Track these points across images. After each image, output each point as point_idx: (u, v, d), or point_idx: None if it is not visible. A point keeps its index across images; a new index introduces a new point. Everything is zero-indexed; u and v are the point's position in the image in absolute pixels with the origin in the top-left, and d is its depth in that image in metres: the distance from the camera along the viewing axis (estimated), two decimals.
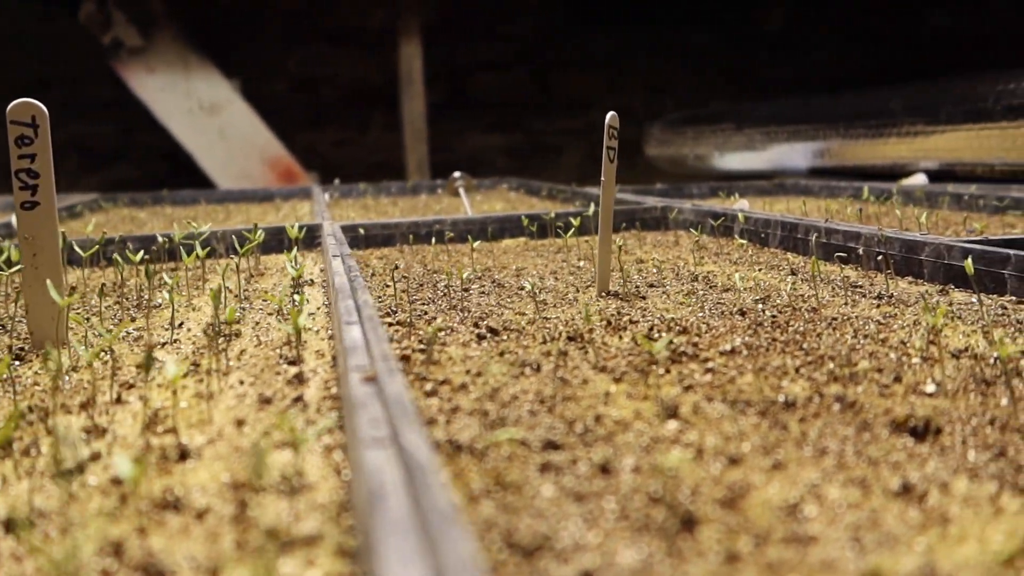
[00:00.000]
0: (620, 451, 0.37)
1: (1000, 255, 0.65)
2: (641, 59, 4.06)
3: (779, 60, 4.00)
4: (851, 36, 3.96)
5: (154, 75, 3.21)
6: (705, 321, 0.61)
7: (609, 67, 4.11)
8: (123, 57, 3.17)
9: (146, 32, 3.20)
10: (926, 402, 0.43)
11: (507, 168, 4.16)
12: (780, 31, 4.10)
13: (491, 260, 0.97)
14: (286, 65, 3.93)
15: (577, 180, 4.19)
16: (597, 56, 4.07)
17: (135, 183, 3.28)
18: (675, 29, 3.99)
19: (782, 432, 0.39)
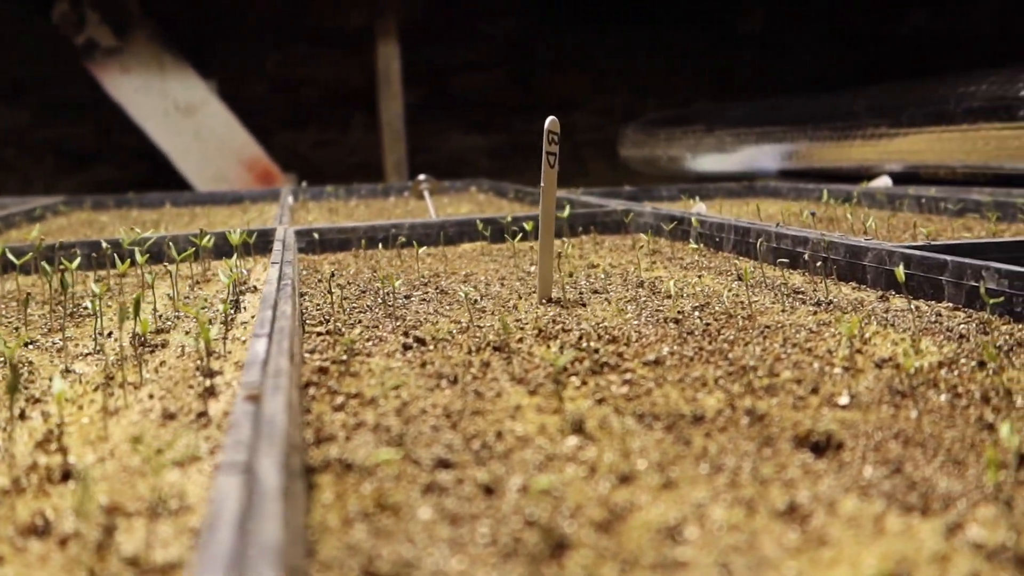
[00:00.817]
0: (512, 470, 0.36)
1: (938, 261, 0.65)
2: (623, 60, 4.06)
3: (760, 61, 4.00)
4: (831, 37, 3.97)
5: (129, 76, 3.18)
6: (638, 329, 0.60)
7: (591, 67, 4.11)
8: (97, 58, 3.13)
9: (121, 32, 3.17)
10: (838, 415, 0.42)
11: (489, 169, 4.15)
12: (761, 32, 4.11)
13: (444, 265, 0.96)
14: (265, 66, 3.90)
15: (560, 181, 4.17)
16: (579, 57, 4.07)
17: (114, 185, 3.25)
18: (656, 30, 3.99)
19: (683, 448, 0.38)
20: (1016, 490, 0.33)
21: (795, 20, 4.00)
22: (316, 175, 3.82)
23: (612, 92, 4.11)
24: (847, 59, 3.83)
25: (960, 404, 0.42)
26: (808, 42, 3.97)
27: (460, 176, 4.39)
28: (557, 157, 0.72)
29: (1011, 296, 0.59)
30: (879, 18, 3.89)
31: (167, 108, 3.23)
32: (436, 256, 1.03)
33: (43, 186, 3.51)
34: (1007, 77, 1.23)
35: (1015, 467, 0.35)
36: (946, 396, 0.44)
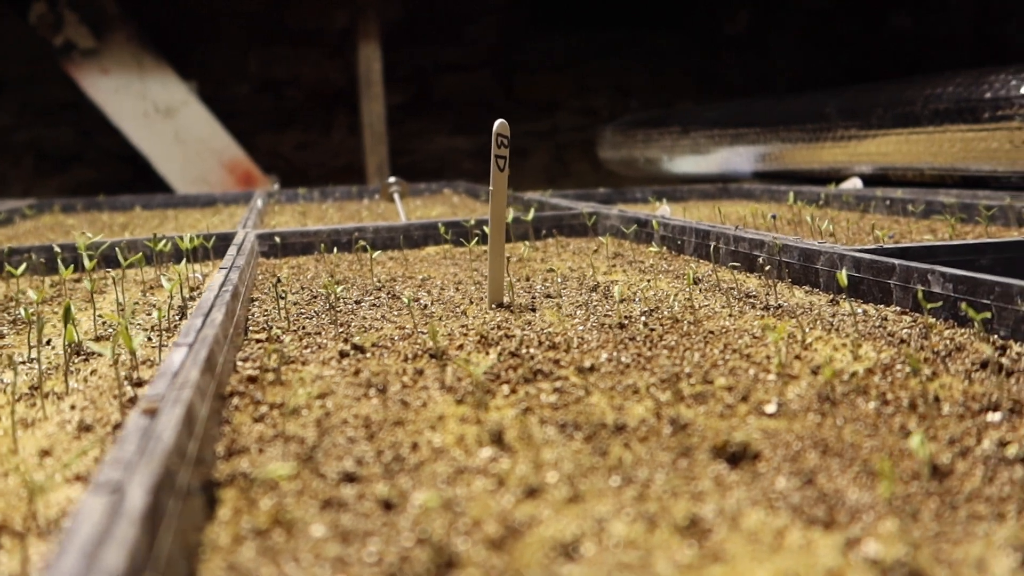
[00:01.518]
0: (420, 483, 0.35)
1: (886, 265, 0.64)
2: (606, 61, 4.06)
3: (744, 62, 4.01)
4: (815, 39, 3.99)
5: (107, 77, 3.16)
6: (581, 335, 0.59)
7: (574, 69, 4.11)
8: (75, 59, 3.11)
9: (99, 33, 3.14)
10: (763, 423, 0.41)
11: (473, 170, 4.15)
12: (745, 34, 4.12)
13: (403, 269, 0.95)
14: (247, 67, 3.88)
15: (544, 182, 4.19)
16: (562, 58, 4.06)
17: (94, 187, 3.22)
18: (640, 32, 3.99)
19: (599, 459, 0.37)
20: (925, 502, 0.32)
21: (779, 22, 4.01)
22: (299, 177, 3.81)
23: (595, 93, 4.11)
24: (831, 61, 3.85)
25: (887, 412, 0.42)
26: (792, 44, 3.99)
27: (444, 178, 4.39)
28: (507, 161, 0.71)
29: (955, 300, 0.58)
30: (862, 21, 3.91)
31: (146, 109, 3.21)
32: (398, 260, 1.02)
33: (22, 188, 3.48)
34: (972, 79, 1.23)
35: (928, 478, 0.34)
36: (875, 404, 0.43)
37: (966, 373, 0.47)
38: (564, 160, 4.13)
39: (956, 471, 0.35)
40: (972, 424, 0.40)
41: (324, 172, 3.85)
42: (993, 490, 0.33)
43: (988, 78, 1.20)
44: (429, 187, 2.20)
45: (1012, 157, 1.15)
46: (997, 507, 0.31)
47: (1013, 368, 0.47)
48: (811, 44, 3.97)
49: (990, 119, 1.17)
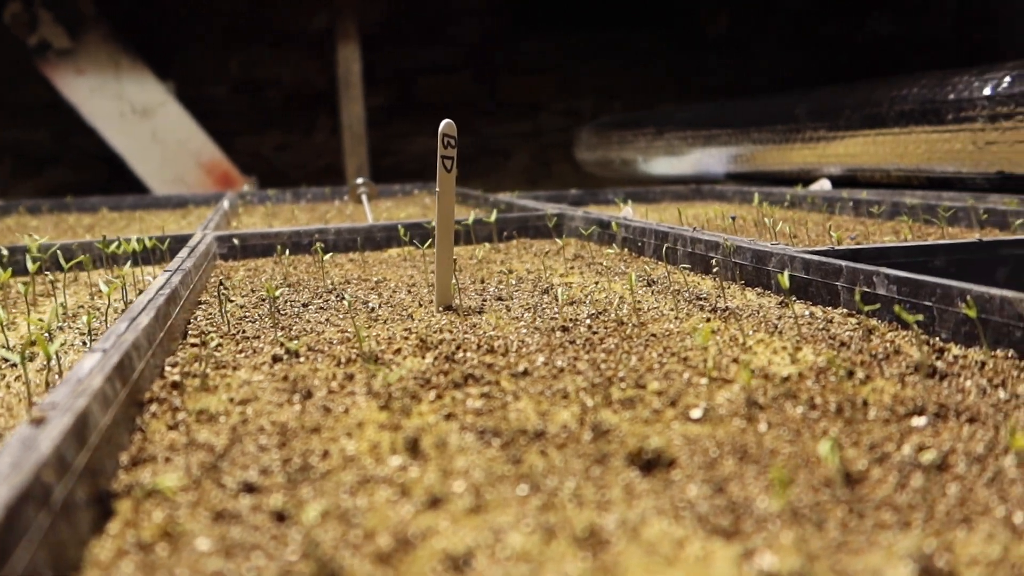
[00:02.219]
0: (320, 494, 0.34)
1: (834, 267, 0.64)
2: (588, 62, 4.06)
3: (725, 63, 4.02)
4: (796, 41, 4.00)
5: (83, 77, 3.12)
6: (522, 338, 0.58)
7: (556, 70, 4.10)
8: (50, 58, 3.07)
9: (74, 33, 3.11)
10: (688, 429, 0.40)
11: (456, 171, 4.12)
12: (726, 35, 4.13)
13: (361, 271, 0.94)
14: (227, 67, 3.86)
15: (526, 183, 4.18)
16: (544, 59, 4.06)
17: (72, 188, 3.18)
18: (622, 33, 3.99)
19: (511, 467, 0.36)
20: (833, 510, 0.31)
21: (760, 24, 4.02)
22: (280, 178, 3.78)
23: (578, 94, 4.11)
24: (812, 63, 3.86)
25: (812, 417, 0.41)
26: (773, 46, 4.00)
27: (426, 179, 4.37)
28: (455, 161, 0.70)
29: (899, 302, 0.58)
30: (843, 23, 3.93)
31: (123, 110, 3.18)
32: (357, 262, 1.01)
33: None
34: (937, 80, 1.23)
35: (841, 485, 0.33)
36: (802, 408, 0.42)
37: (900, 377, 0.46)
38: (547, 161, 4.13)
39: (870, 478, 0.34)
40: (896, 429, 0.39)
41: (305, 173, 3.83)
42: (903, 498, 0.32)
43: (952, 79, 1.20)
44: (403, 188, 2.19)
45: (975, 158, 1.15)
46: (904, 515, 0.31)
47: (947, 371, 0.47)
48: (792, 46, 3.98)
49: (953, 120, 1.17)
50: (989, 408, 0.41)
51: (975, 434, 0.38)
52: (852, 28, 3.93)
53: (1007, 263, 0.77)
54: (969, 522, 0.30)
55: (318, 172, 3.85)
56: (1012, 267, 0.78)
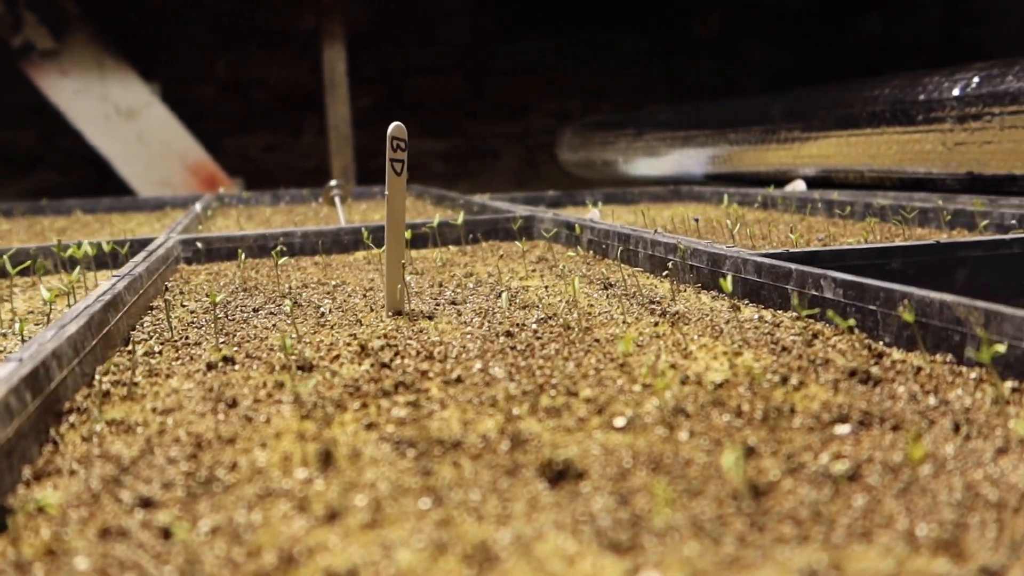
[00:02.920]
0: (217, 508, 0.33)
1: (784, 270, 0.63)
2: (578, 63, 4.06)
3: (715, 65, 4.02)
4: (786, 42, 4.00)
5: (67, 78, 3.11)
6: (465, 344, 0.57)
7: (545, 71, 4.10)
8: (34, 60, 3.06)
9: (58, 34, 3.10)
10: (608, 438, 0.40)
11: (444, 173, 4.13)
12: (717, 36, 4.13)
13: (322, 274, 0.93)
14: (215, 68, 3.85)
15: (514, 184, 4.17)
16: (533, 60, 4.05)
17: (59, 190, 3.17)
18: (612, 34, 3.99)
19: (420, 479, 0.36)
20: (734, 523, 0.31)
21: (750, 25, 4.02)
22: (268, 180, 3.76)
23: (567, 96, 4.10)
24: (803, 63, 3.86)
25: (736, 425, 0.40)
26: (764, 47, 4.00)
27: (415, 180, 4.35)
28: (404, 165, 0.70)
29: (845, 305, 0.57)
30: (833, 24, 3.93)
31: (107, 111, 3.16)
32: (320, 265, 1.00)
33: None
34: (908, 81, 1.23)
35: (748, 497, 0.33)
36: (728, 416, 0.41)
37: (834, 383, 0.46)
38: (536, 162, 4.12)
39: (780, 489, 0.33)
40: (818, 438, 0.38)
41: (294, 174, 3.81)
42: (808, 510, 0.31)
43: (923, 80, 1.19)
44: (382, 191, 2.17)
45: (945, 159, 1.14)
46: (805, 529, 0.30)
47: (882, 377, 0.46)
48: (782, 46, 3.98)
49: (924, 121, 1.17)
50: (915, 415, 0.40)
51: (895, 443, 0.37)
52: (843, 29, 3.93)
53: (966, 265, 0.77)
54: (869, 536, 0.29)
55: (306, 173, 3.84)
56: (971, 269, 0.77)
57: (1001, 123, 1.04)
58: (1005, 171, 1.06)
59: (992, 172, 1.08)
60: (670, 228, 1.17)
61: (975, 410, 0.41)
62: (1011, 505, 0.31)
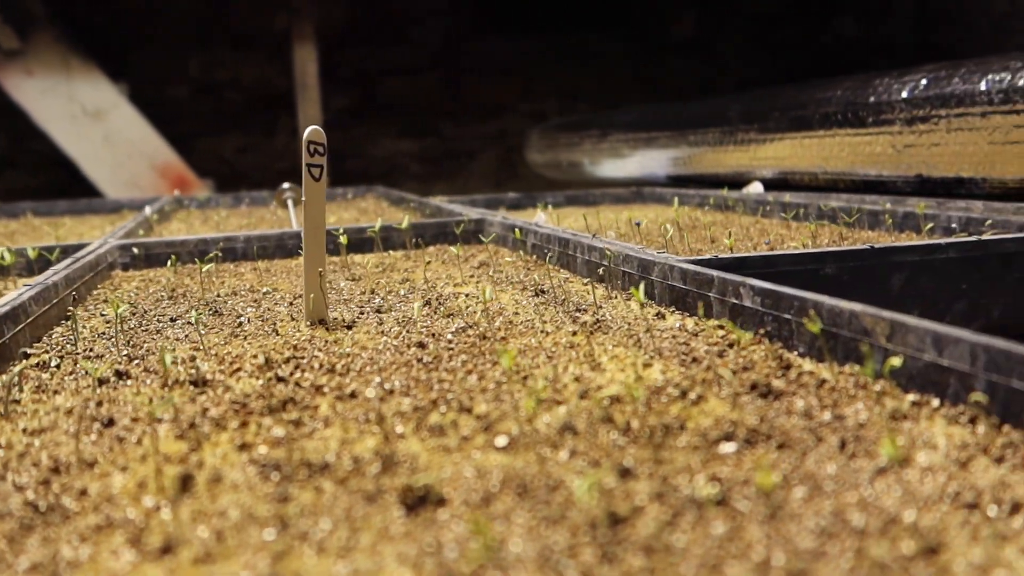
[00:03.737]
0: (46, 542, 0.31)
1: (706, 277, 0.62)
2: (554, 65, 4.05)
3: (690, 66, 4.02)
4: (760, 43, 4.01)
5: (33, 78, 3.06)
6: (374, 357, 0.55)
7: (521, 73, 4.08)
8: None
9: (23, 34, 3.05)
10: (486, 459, 0.38)
11: (420, 174, 4.10)
12: (691, 37, 4.13)
13: (257, 280, 0.90)
14: (187, 68, 3.80)
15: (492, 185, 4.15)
16: (509, 61, 4.04)
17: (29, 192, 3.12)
18: (587, 36, 3.98)
19: (275, 506, 0.34)
20: (582, 555, 0.29)
21: (725, 26, 4.03)
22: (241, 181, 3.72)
23: (543, 96, 4.09)
24: (778, 65, 3.87)
25: (621, 444, 0.39)
26: (738, 48, 4.00)
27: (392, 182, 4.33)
28: (324, 169, 0.68)
29: (762, 314, 0.55)
30: (808, 25, 3.94)
31: (74, 112, 3.12)
32: (259, 271, 0.98)
33: None
34: (860, 83, 1.22)
35: (607, 525, 0.31)
36: (616, 435, 0.40)
37: (734, 397, 0.44)
38: (512, 163, 4.11)
39: (644, 516, 0.32)
40: (700, 457, 0.37)
41: (267, 176, 3.77)
42: (664, 540, 0.30)
43: (873, 82, 1.19)
44: (346, 192, 2.15)
45: (895, 161, 1.14)
46: (656, 560, 0.28)
47: (784, 391, 0.45)
48: (757, 48, 3.99)
49: (874, 123, 1.16)
50: (805, 433, 0.39)
51: (778, 462, 0.36)
52: (817, 30, 3.94)
53: (903, 270, 0.76)
54: (719, 568, 0.28)
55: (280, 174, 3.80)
56: (908, 274, 0.77)
57: (948, 125, 1.04)
58: (953, 174, 1.05)
59: (941, 175, 1.08)
60: (623, 232, 1.16)
61: (869, 426, 0.39)
62: (874, 531, 0.29)
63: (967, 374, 0.41)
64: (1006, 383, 0.39)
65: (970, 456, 0.35)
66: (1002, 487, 0.32)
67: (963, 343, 0.41)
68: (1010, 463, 0.35)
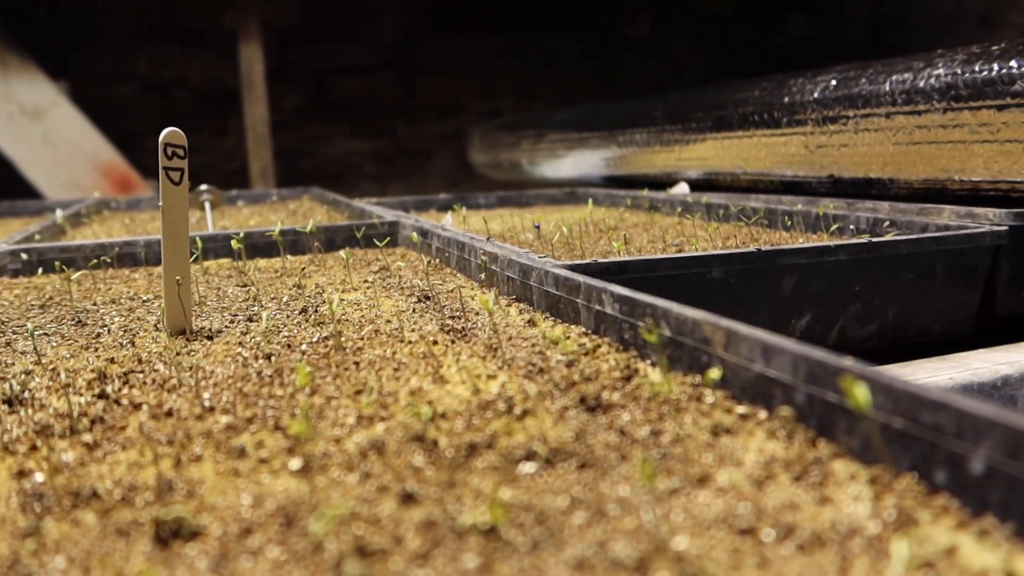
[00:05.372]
0: None
1: (574, 283, 0.60)
2: (509, 63, 4.03)
3: (645, 65, 4.03)
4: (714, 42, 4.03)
5: None
6: (217, 369, 0.53)
7: (477, 71, 4.06)
8: None
9: None
10: (278, 483, 0.36)
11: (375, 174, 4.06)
12: (646, 36, 4.14)
13: (147, 287, 0.87)
14: (134, 66, 3.72)
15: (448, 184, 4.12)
16: (463, 60, 4.01)
17: None
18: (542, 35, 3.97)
19: (17, 542, 0.31)
20: None
21: (680, 26, 4.04)
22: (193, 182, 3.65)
23: (499, 95, 4.07)
24: (731, 64, 3.89)
25: (419, 466, 0.37)
26: (692, 48, 4.02)
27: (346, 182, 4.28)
28: (183, 173, 0.65)
29: (621, 321, 0.54)
30: (762, 25, 3.97)
31: (11, 111, 3.03)
32: (154, 276, 0.94)
33: None
34: (776, 84, 1.22)
35: (355, 559, 0.29)
36: (421, 456, 0.38)
37: (562, 411, 0.42)
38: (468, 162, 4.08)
39: (402, 550, 0.29)
40: (496, 479, 0.35)
41: (219, 176, 3.70)
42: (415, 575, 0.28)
43: (788, 83, 1.18)
44: (281, 193, 2.11)
45: (809, 161, 1.13)
46: None
47: (613, 403, 0.43)
48: (711, 47, 4.01)
49: (788, 124, 1.16)
50: (612, 451, 0.37)
51: (569, 487, 0.34)
52: (770, 30, 3.98)
53: (792, 273, 0.75)
54: None
55: (233, 174, 3.74)
56: (799, 277, 0.76)
57: (855, 126, 1.03)
58: (862, 174, 1.05)
59: (851, 175, 1.08)
60: (543, 233, 1.14)
61: (684, 442, 0.38)
62: (631, 563, 0.27)
63: (790, 386, 0.39)
64: (821, 395, 0.37)
65: (770, 475, 0.34)
66: (788, 509, 0.31)
67: (786, 353, 0.39)
68: (808, 482, 0.33)
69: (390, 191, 4.41)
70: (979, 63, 0.85)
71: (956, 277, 0.83)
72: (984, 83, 0.83)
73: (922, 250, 0.80)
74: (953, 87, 0.88)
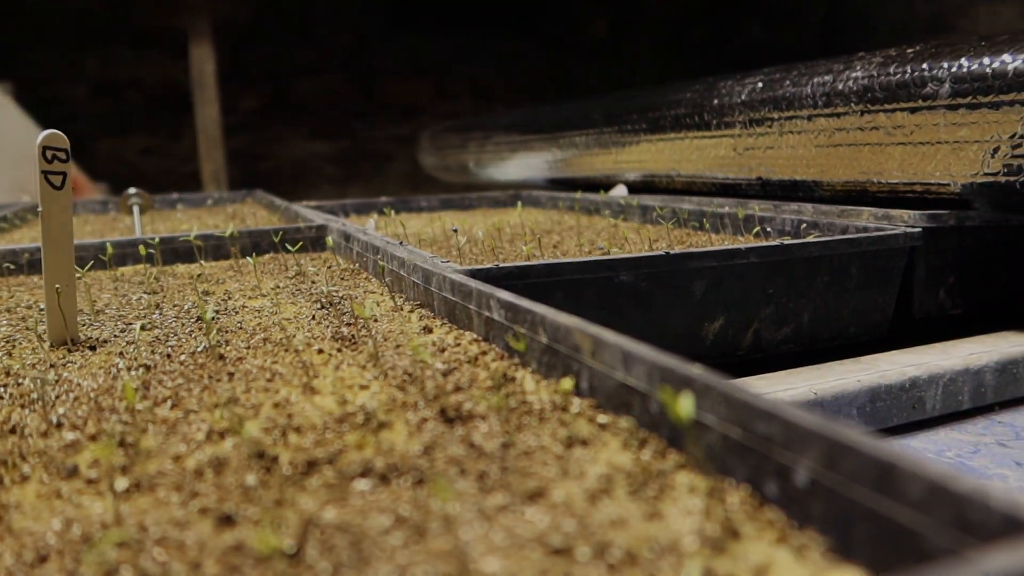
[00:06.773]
0: None
1: (467, 288, 0.59)
2: (467, 65, 4.02)
3: (603, 67, 4.05)
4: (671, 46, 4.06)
5: None
6: (82, 383, 0.50)
7: (435, 73, 4.04)
8: None
9: None
10: (95, 505, 0.34)
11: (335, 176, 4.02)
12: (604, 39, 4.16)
13: None
14: (84, 67, 3.64)
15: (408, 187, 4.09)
16: (422, 61, 3.99)
17: None
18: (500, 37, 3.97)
19: None
20: None
21: (638, 29, 4.06)
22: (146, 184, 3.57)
23: (457, 98, 4.05)
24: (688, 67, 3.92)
25: (249, 485, 0.35)
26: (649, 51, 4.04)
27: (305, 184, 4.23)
28: (65, 178, 0.62)
29: (507, 328, 0.53)
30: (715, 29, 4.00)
31: None
32: None
33: None
34: (707, 86, 1.22)
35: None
36: (253, 474, 0.36)
37: (420, 423, 0.41)
38: None
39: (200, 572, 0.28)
40: (325, 498, 0.33)
41: (175, 179, 3.64)
42: None
43: (718, 85, 1.18)
44: (224, 196, 2.07)
45: (739, 164, 1.14)
46: None
47: (474, 415, 0.42)
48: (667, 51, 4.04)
49: (717, 126, 1.16)
50: (453, 465, 0.36)
51: (398, 505, 0.32)
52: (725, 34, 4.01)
53: (703, 276, 0.74)
54: None
55: (187, 177, 3.68)
56: (710, 281, 0.75)
57: (780, 128, 1.04)
58: (788, 176, 1.06)
59: (778, 177, 1.08)
60: (480, 237, 1.13)
61: (535, 453, 0.37)
62: None
63: (646, 395, 0.38)
64: (674, 403, 0.36)
65: (608, 488, 0.33)
66: (614, 525, 0.30)
67: (643, 361, 0.38)
68: (645, 496, 0.32)
69: (350, 194, 4.37)
70: (894, 66, 0.86)
71: (871, 279, 0.83)
72: (898, 86, 0.84)
73: (836, 252, 0.80)
74: (870, 90, 0.88)
